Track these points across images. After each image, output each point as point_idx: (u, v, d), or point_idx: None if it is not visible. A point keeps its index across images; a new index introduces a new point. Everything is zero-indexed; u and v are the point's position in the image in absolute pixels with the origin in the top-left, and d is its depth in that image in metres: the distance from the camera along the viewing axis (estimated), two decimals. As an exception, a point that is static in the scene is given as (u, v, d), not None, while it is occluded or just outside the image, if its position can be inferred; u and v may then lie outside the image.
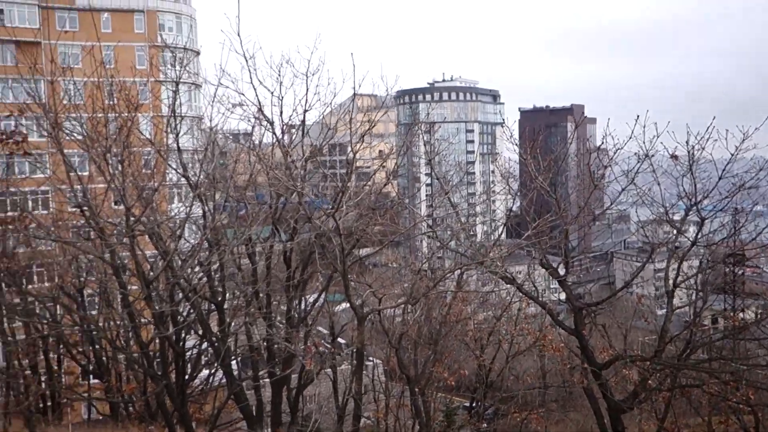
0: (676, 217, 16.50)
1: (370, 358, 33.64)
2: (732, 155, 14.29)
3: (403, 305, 18.54)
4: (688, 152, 14.25)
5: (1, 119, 21.41)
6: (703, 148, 14.46)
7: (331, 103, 16.39)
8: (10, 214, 19.98)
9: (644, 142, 14.62)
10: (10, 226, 18.60)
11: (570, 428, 29.91)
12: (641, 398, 15.96)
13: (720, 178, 14.81)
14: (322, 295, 19.97)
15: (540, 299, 18.38)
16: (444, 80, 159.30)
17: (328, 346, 23.27)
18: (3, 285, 21.00)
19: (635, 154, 14.99)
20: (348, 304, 15.02)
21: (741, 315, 38.36)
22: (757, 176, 14.26)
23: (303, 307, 19.56)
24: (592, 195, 16.66)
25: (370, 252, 21.93)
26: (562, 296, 18.65)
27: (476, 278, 33.75)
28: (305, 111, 16.25)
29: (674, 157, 14.84)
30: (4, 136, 19.41)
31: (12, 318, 20.75)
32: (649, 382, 15.77)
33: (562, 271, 17.11)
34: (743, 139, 13.84)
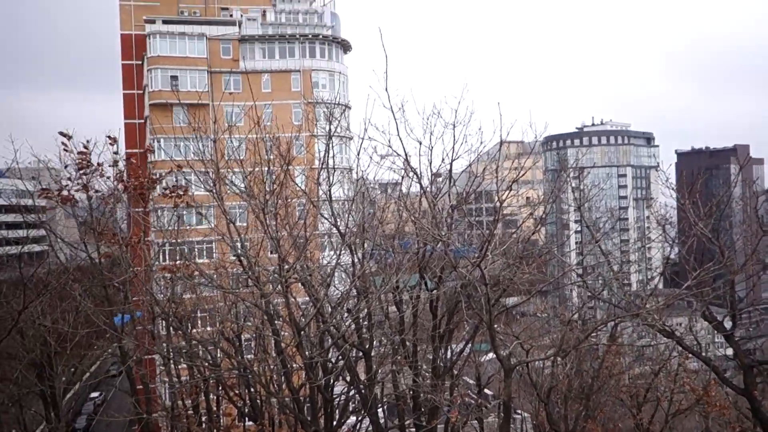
0: None
1: (518, 412, 32.59)
2: None
3: (552, 357, 17.88)
4: None
5: (169, 174, 23.46)
6: None
7: (478, 152, 16.49)
8: (178, 262, 21.68)
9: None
10: (178, 274, 20.16)
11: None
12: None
13: None
14: (469, 345, 19.74)
15: (703, 354, 17.05)
16: (593, 124, 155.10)
17: (475, 397, 22.84)
18: (171, 329, 22.70)
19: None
20: (494, 355, 14.74)
21: None
22: None
23: (449, 356, 19.42)
24: (761, 241, 15.37)
25: (518, 301, 21.46)
26: (729, 352, 17.17)
27: (631, 330, 31.94)
28: (452, 160, 16.46)
29: None
30: (168, 191, 21.34)
31: (178, 360, 22.29)
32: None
33: (728, 325, 15.80)
34: None
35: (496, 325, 21.12)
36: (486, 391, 27.00)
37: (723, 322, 15.86)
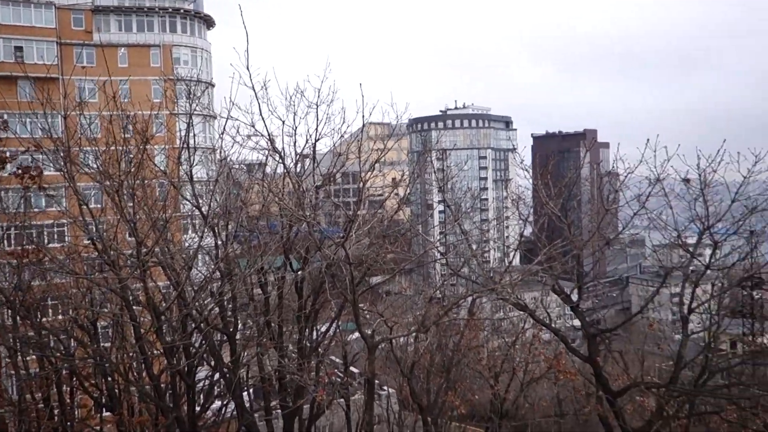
0: (691, 241, 16.39)
1: (384, 388, 33.41)
2: (744, 178, 14.24)
3: (414, 333, 18.44)
4: (699, 176, 14.24)
5: (18, 154, 21.71)
6: (715, 171, 14.46)
7: (342, 132, 16.54)
8: (25, 247, 20.17)
9: (655, 166, 14.66)
10: (26, 260, 18.76)
11: (587, 457, 29.41)
12: (657, 426, 15.69)
13: (733, 201, 14.73)
14: (335, 325, 19.92)
15: (553, 325, 18.23)
16: (456, 108, 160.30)
17: (341, 375, 23.14)
18: (18, 318, 21.11)
19: (646, 178, 14.98)
20: (359, 333, 14.98)
21: (760, 339, 37.80)
22: (768, 199, 14.17)
23: (315, 336, 19.50)
24: (605, 220, 16.60)
25: (382, 280, 21.89)
26: (577, 323, 18.48)
27: (490, 305, 33.55)
28: (316, 140, 16.41)
29: (686, 180, 14.80)
30: (20, 171, 19.72)
31: (26, 352, 20.81)
32: (666, 409, 15.52)
33: (575, 297, 16.98)
34: (755, 162, 13.82)
35: (361, 304, 21.46)
36: (353, 369, 27.40)
37: (570, 295, 17.01)
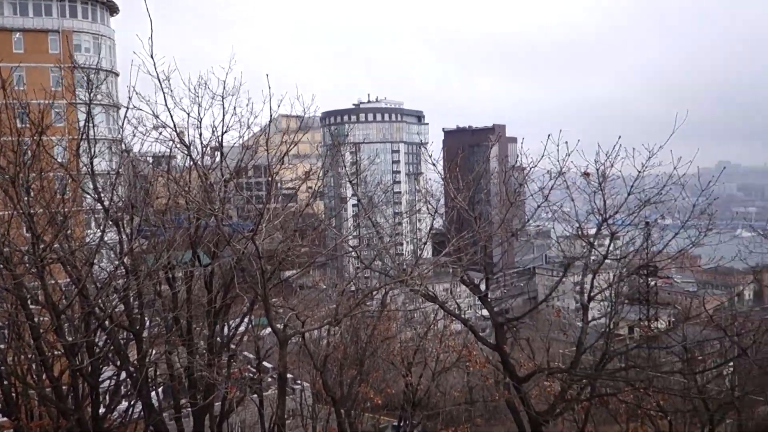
0: (591, 232, 17.13)
1: (298, 382, 33.25)
2: (639, 172, 15.02)
3: (327, 326, 18.44)
4: (597, 170, 14.92)
5: None
6: (612, 165, 15.18)
7: (250, 124, 16.30)
8: None
9: (558, 160, 15.24)
10: None
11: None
12: (561, 409, 16.37)
13: (629, 194, 15.50)
14: (246, 319, 19.65)
15: (463, 316, 18.67)
16: (369, 102, 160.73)
17: (254, 371, 22.86)
18: None
19: (548, 172, 15.55)
20: (270, 327, 14.84)
21: (654, 324, 40.03)
22: (660, 192, 15.00)
23: (226, 332, 19.17)
24: (512, 212, 17.11)
25: (294, 274, 21.75)
26: (486, 312, 18.98)
27: (404, 297, 33.97)
28: (223, 132, 16.10)
29: (586, 174, 15.45)
30: None
31: None
32: (569, 392, 16.21)
33: (483, 287, 17.44)
34: (649, 157, 14.60)
35: (274, 299, 21.24)
36: (266, 364, 27.12)
37: (479, 285, 17.46)
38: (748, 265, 19.02)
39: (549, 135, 14.77)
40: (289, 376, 27.81)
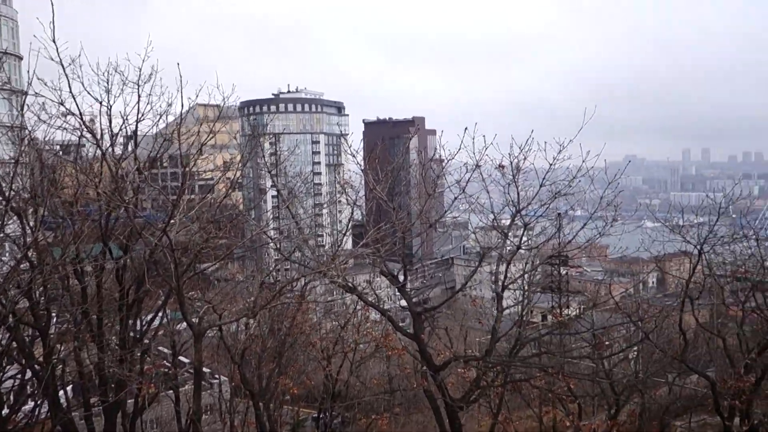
0: (506, 223, 17.60)
1: (216, 376, 32.66)
2: (551, 165, 15.52)
3: (244, 319, 18.19)
4: (511, 163, 15.33)
5: None
6: (526, 158, 15.62)
7: (165, 113, 15.82)
8: None
9: (474, 153, 15.55)
10: None
11: (414, 429, 30.82)
12: (476, 396, 16.79)
13: (541, 186, 16.00)
14: (161, 314, 19.11)
15: (382, 306, 18.81)
16: (289, 92, 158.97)
17: (169, 366, 22.29)
18: None
19: (465, 164, 15.84)
20: (185, 321, 14.50)
21: (566, 311, 41.56)
22: (570, 184, 15.56)
23: (139, 327, 18.61)
24: (431, 204, 17.36)
25: (210, 266, 21.32)
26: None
27: (323, 288, 33.91)
28: (137, 121, 15.56)
29: (500, 167, 15.84)
30: None
31: None
32: (483, 379, 16.63)
33: (402, 278, 17.62)
34: (559, 150, 15.10)
35: (191, 292, 20.75)
36: (182, 358, 26.48)
37: (397, 276, 17.62)
38: (651, 254, 20.02)
39: (465, 128, 15.06)
40: (206, 370, 27.28)
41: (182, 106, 13.64)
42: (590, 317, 24.38)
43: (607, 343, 26.01)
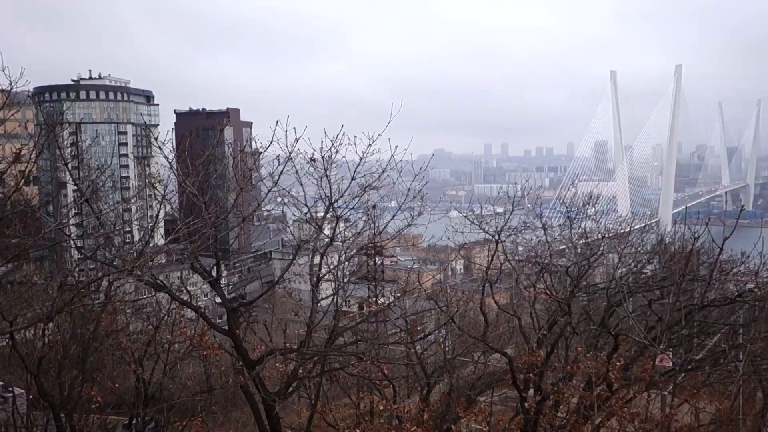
0: (321, 215, 17.84)
1: (10, 389, 29.82)
2: (361, 158, 15.98)
3: (39, 324, 16.79)
4: (323, 156, 15.57)
5: None
6: (338, 151, 15.94)
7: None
8: None
9: (287, 146, 15.58)
10: None
11: (232, 427, 30.33)
12: (293, 388, 16.91)
13: (352, 179, 16.43)
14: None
15: (196, 303, 18.27)
16: (92, 78, 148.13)
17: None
18: None
19: (277, 157, 15.84)
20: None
21: (381, 300, 43.14)
22: (380, 177, 16.16)
23: None
24: (245, 197, 17.11)
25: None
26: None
27: (132, 287, 32.18)
28: None
29: (312, 160, 16.03)
30: None
31: None
32: (300, 370, 16.79)
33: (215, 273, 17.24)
34: (369, 144, 15.60)
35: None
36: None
37: (211, 271, 17.21)
38: (455, 243, 21.37)
39: (278, 121, 15.05)
40: (-3, 383, 24.84)
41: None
42: (403, 304, 25.47)
43: (419, 328, 27.34)
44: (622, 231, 27.50)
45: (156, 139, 17.13)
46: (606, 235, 22.79)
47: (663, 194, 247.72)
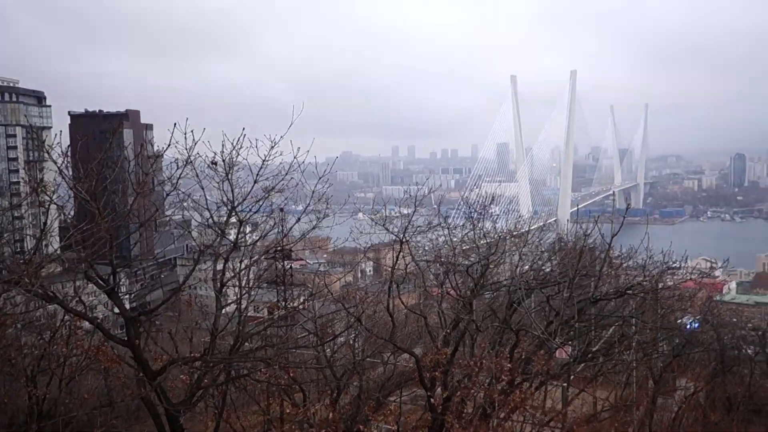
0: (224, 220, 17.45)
1: None
2: (263, 161, 15.77)
3: None
4: (224, 159, 15.25)
5: None
6: (239, 154, 15.65)
7: None
8: None
9: (186, 148, 15.15)
10: None
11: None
12: (198, 397, 16.47)
13: (255, 182, 16.17)
14: None
15: (92, 314, 17.48)
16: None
17: None
18: None
19: (176, 160, 15.39)
20: None
21: (291, 303, 42.66)
22: (283, 180, 16.00)
23: None
24: (143, 202, 16.49)
25: None
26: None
27: (22, 299, 30.38)
28: None
29: (213, 163, 15.67)
30: None
31: None
32: (204, 379, 16.37)
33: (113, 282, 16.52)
34: (271, 146, 15.41)
35: None
36: None
37: (108, 280, 16.48)
38: (359, 245, 21.44)
39: (176, 123, 14.64)
40: None
41: None
42: (313, 307, 25.27)
43: (330, 331, 27.20)
44: (521, 231, 28.44)
45: (44, 142, 16.25)
46: (502, 236, 23.49)
47: (561, 194, 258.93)
